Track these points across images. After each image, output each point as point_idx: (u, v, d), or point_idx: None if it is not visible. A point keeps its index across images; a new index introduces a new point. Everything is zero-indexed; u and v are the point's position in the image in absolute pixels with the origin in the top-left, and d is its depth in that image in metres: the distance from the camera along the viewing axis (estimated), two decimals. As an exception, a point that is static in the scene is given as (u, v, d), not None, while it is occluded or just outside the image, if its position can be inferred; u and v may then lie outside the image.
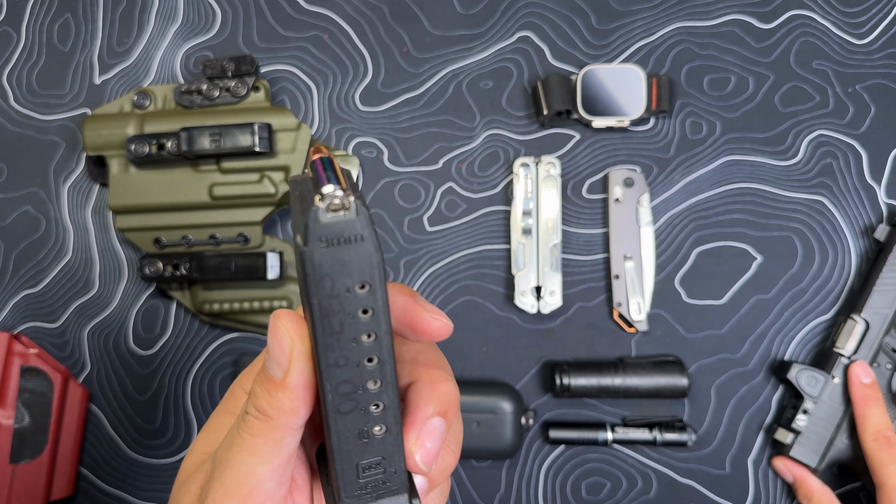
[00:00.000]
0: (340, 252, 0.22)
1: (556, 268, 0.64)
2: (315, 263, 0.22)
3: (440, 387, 0.27)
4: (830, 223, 0.65)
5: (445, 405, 0.27)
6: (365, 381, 0.24)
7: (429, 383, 0.27)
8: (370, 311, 0.23)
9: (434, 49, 0.67)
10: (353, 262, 0.22)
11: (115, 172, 0.62)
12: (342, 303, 0.23)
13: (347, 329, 0.23)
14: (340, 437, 0.25)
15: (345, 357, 0.24)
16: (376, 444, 0.26)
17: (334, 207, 0.21)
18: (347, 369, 0.24)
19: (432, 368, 0.28)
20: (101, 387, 0.65)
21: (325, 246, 0.22)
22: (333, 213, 0.21)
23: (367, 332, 0.24)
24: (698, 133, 0.66)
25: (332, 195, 0.21)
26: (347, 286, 0.22)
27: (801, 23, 0.66)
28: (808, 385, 0.61)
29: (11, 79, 0.68)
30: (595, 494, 0.64)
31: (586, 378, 0.62)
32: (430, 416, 0.27)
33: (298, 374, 0.25)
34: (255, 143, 0.60)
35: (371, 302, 0.23)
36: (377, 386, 0.25)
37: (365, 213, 0.22)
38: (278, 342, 0.25)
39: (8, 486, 0.57)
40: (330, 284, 0.22)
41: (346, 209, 0.21)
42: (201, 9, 0.68)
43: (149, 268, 0.62)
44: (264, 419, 0.25)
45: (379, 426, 0.26)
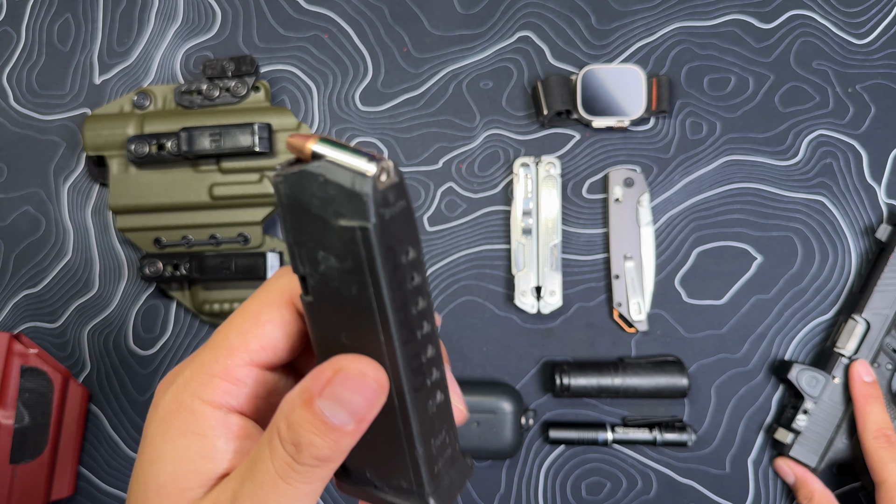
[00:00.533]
0: (394, 222, 0.21)
1: (556, 268, 0.64)
2: (382, 237, 0.21)
3: None
4: (830, 223, 0.65)
5: None
6: (426, 350, 0.23)
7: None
8: (416, 276, 0.22)
9: (434, 49, 0.67)
10: (404, 225, 0.21)
11: (115, 172, 0.62)
12: (403, 272, 0.22)
13: (410, 299, 0.22)
14: (419, 416, 0.24)
15: (411, 330, 0.23)
16: (440, 411, 0.25)
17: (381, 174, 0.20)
18: (414, 343, 0.23)
19: None
20: (102, 387, 0.65)
21: (387, 215, 0.21)
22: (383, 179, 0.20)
23: (418, 298, 0.23)
24: (698, 133, 0.66)
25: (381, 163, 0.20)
26: (402, 257, 0.22)
27: (802, 23, 0.66)
28: (808, 385, 0.61)
29: (11, 79, 0.68)
30: (595, 494, 0.64)
31: (586, 378, 0.62)
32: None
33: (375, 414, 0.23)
34: (255, 143, 0.60)
35: (417, 265, 0.22)
36: (434, 351, 0.24)
37: (400, 173, 0.21)
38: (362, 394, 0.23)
39: (8, 486, 0.57)
40: (393, 256, 0.21)
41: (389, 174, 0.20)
42: (201, 9, 0.68)
43: (149, 268, 0.62)
44: (325, 465, 0.24)
45: (441, 392, 0.24)
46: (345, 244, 0.21)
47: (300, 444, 0.23)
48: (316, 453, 0.23)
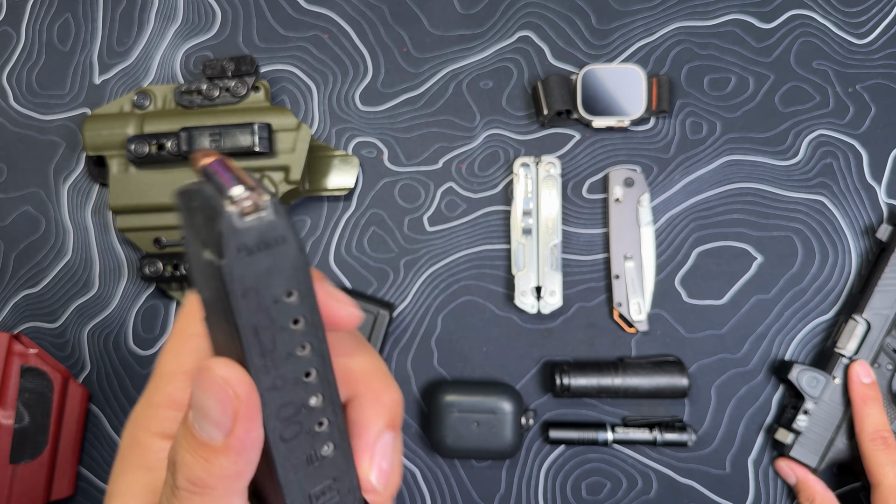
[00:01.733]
0: (262, 259, 0.19)
1: (557, 268, 0.64)
2: (236, 277, 0.19)
3: (384, 397, 0.24)
4: (831, 223, 0.65)
5: (393, 416, 0.24)
6: (307, 399, 0.22)
7: (372, 396, 0.24)
8: (301, 320, 0.21)
9: (434, 49, 0.67)
10: (277, 268, 0.20)
11: (114, 172, 0.62)
12: (271, 316, 0.20)
13: (280, 345, 0.21)
14: (287, 467, 0.22)
15: (282, 377, 0.21)
16: (327, 465, 0.23)
17: (248, 210, 0.19)
18: (286, 390, 0.21)
19: (372, 378, 0.25)
20: (101, 387, 0.65)
21: (246, 255, 0.19)
22: (248, 216, 0.19)
23: (302, 344, 0.21)
24: (698, 133, 0.66)
25: (242, 196, 0.19)
26: (275, 296, 0.20)
27: (802, 23, 0.66)
28: (808, 385, 0.61)
29: (11, 79, 0.68)
30: (595, 494, 0.64)
31: (586, 378, 0.61)
32: (381, 433, 0.24)
33: (245, 433, 0.21)
34: (255, 143, 0.60)
35: (302, 309, 0.20)
36: (319, 401, 0.22)
37: (282, 210, 0.19)
38: (218, 400, 0.20)
39: (8, 486, 0.57)
40: (255, 298, 0.20)
41: (261, 210, 0.19)
42: (201, 8, 0.68)
43: (149, 268, 0.62)
44: (203, 492, 0.21)
45: (327, 444, 0.23)
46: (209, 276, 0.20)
47: (175, 464, 0.21)
48: (188, 474, 0.21)
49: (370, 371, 0.25)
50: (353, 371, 0.24)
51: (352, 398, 0.24)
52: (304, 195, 0.65)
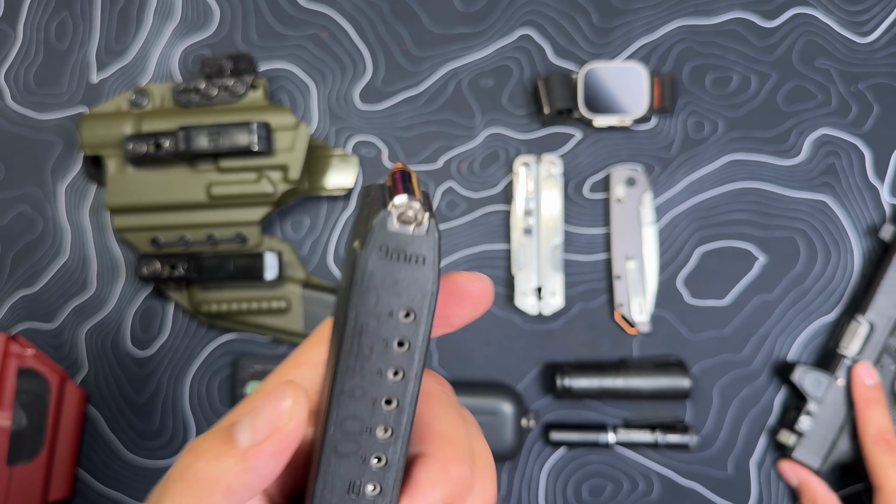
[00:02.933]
0: (397, 268, 0.20)
1: (558, 268, 0.63)
2: (366, 271, 0.20)
3: (453, 470, 0.22)
4: (833, 223, 0.64)
5: (453, 493, 0.22)
6: (376, 425, 0.21)
7: (441, 462, 0.22)
8: (406, 345, 0.21)
9: (434, 47, 0.66)
10: (407, 283, 0.20)
11: (112, 172, 0.62)
12: (380, 325, 0.20)
13: (376, 357, 0.21)
14: (328, 482, 0.22)
15: (362, 389, 0.21)
16: None
17: (406, 219, 0.19)
18: (361, 404, 0.21)
19: (448, 444, 0.23)
20: (99, 388, 0.65)
21: (383, 256, 0.19)
22: (403, 223, 0.19)
23: (396, 369, 0.21)
24: (701, 132, 0.65)
25: (407, 205, 0.19)
26: (392, 308, 0.20)
27: (804, 21, 0.66)
28: (811, 387, 0.60)
29: (8, 77, 0.67)
30: (596, 497, 0.63)
31: (588, 379, 0.61)
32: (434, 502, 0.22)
33: (268, 456, 0.20)
34: (253, 142, 0.59)
35: (412, 334, 0.20)
36: (387, 435, 0.21)
37: (435, 234, 0.20)
38: (272, 407, 0.20)
39: (5, 487, 0.57)
40: (374, 300, 0.20)
41: (417, 223, 0.19)
42: (199, 7, 0.67)
43: (146, 268, 0.61)
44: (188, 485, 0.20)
45: (374, 485, 0.22)
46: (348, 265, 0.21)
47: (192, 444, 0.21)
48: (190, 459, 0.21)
49: (451, 439, 0.23)
50: (433, 430, 0.23)
51: (420, 456, 0.23)
52: (302, 195, 0.65)
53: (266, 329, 0.64)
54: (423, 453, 0.23)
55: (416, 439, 0.23)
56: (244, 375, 0.63)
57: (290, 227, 0.66)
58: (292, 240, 0.66)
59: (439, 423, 0.23)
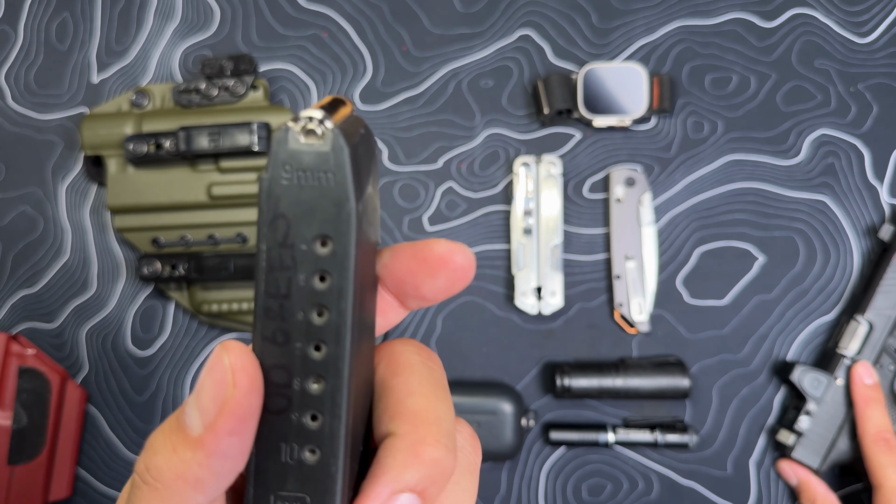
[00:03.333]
0: (305, 190, 0.18)
1: (557, 268, 0.63)
2: (271, 196, 0.18)
3: (424, 451, 0.19)
4: (833, 223, 0.64)
5: (426, 479, 0.19)
6: (305, 376, 0.19)
7: (411, 442, 0.19)
8: (328, 279, 0.18)
9: (434, 48, 0.67)
10: (317, 205, 0.18)
11: (112, 172, 0.62)
12: (295, 258, 0.18)
13: (296, 295, 0.18)
14: (261, 445, 0.19)
15: (284, 332, 0.18)
16: (305, 473, 0.19)
17: (308, 131, 0.17)
18: (286, 351, 0.19)
19: (422, 422, 0.20)
20: (100, 387, 0.65)
21: (288, 178, 0.18)
22: (307, 139, 0.17)
23: (320, 308, 0.18)
24: (700, 132, 0.66)
25: (308, 117, 0.17)
26: (305, 237, 0.18)
27: (804, 21, 0.66)
28: (810, 386, 0.60)
29: (9, 78, 0.67)
30: (596, 496, 0.63)
31: (587, 379, 0.61)
32: (400, 490, 0.19)
33: (226, 434, 0.18)
34: (253, 143, 0.59)
35: (331, 265, 0.18)
36: (319, 388, 0.19)
37: (344, 148, 0.17)
38: (214, 383, 0.18)
39: (6, 487, 0.57)
40: (285, 228, 0.18)
41: (318, 137, 0.17)
42: (200, 7, 0.67)
43: (147, 268, 0.61)
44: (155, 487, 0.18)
45: (311, 450, 0.19)
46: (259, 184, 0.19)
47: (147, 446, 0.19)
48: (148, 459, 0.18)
49: (426, 417, 0.20)
50: (405, 406, 0.20)
51: (389, 435, 0.20)
52: (303, 195, 0.65)
53: None
54: (393, 432, 0.20)
55: (387, 417, 0.20)
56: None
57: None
58: (292, 240, 0.66)
59: (413, 400, 0.20)
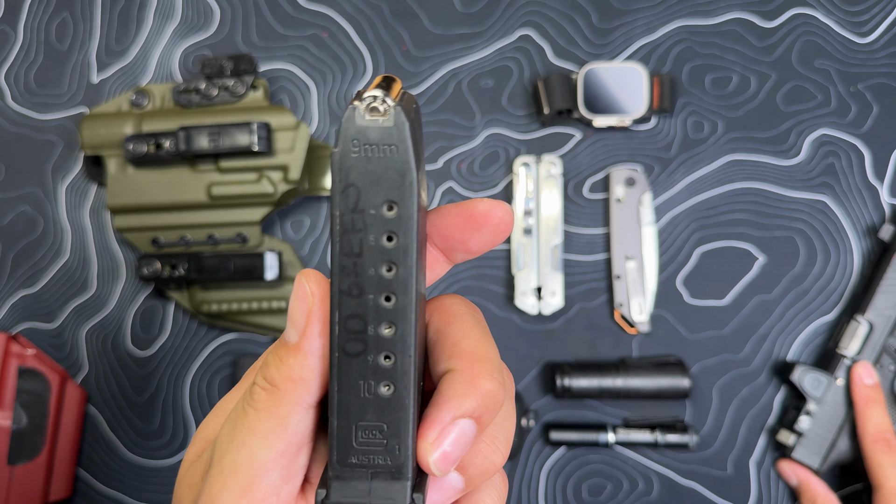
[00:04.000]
0: (372, 162, 0.20)
1: (557, 268, 0.63)
2: (343, 168, 0.20)
3: (481, 384, 0.23)
4: (833, 223, 0.64)
5: (482, 407, 0.22)
6: (378, 323, 0.22)
7: (469, 376, 0.23)
8: (395, 239, 0.21)
9: (434, 48, 0.67)
10: (384, 175, 0.20)
11: (112, 172, 0.62)
12: (365, 221, 0.21)
13: (367, 254, 0.21)
14: (342, 383, 0.22)
15: (359, 286, 0.21)
16: (381, 405, 0.22)
17: (373, 111, 0.20)
18: (361, 302, 0.21)
19: (476, 359, 0.23)
20: (100, 388, 0.65)
21: (357, 151, 0.20)
22: (371, 116, 0.20)
23: (389, 265, 0.21)
24: (700, 132, 0.65)
25: (372, 96, 0.20)
26: (374, 203, 0.20)
27: (804, 21, 0.66)
28: (811, 386, 0.60)
29: (9, 78, 0.67)
30: (596, 496, 0.63)
31: (587, 379, 0.61)
32: (460, 416, 0.22)
33: (315, 337, 0.22)
34: (253, 143, 0.59)
35: (398, 227, 0.21)
36: (391, 331, 0.22)
37: (405, 123, 0.20)
38: (299, 301, 0.22)
39: (6, 487, 0.57)
40: (355, 196, 0.20)
41: (382, 114, 0.20)
42: (199, 7, 0.67)
43: (147, 268, 0.61)
44: (271, 390, 0.23)
45: (386, 385, 0.22)
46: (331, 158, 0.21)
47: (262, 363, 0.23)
48: (265, 371, 0.23)
49: (480, 355, 0.24)
50: (461, 347, 0.24)
51: (449, 371, 0.23)
52: (303, 195, 0.65)
53: (266, 329, 0.64)
54: (452, 368, 0.23)
55: (445, 357, 0.24)
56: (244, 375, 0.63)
57: (291, 227, 0.66)
58: (292, 240, 0.66)
59: (468, 342, 0.24)
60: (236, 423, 0.23)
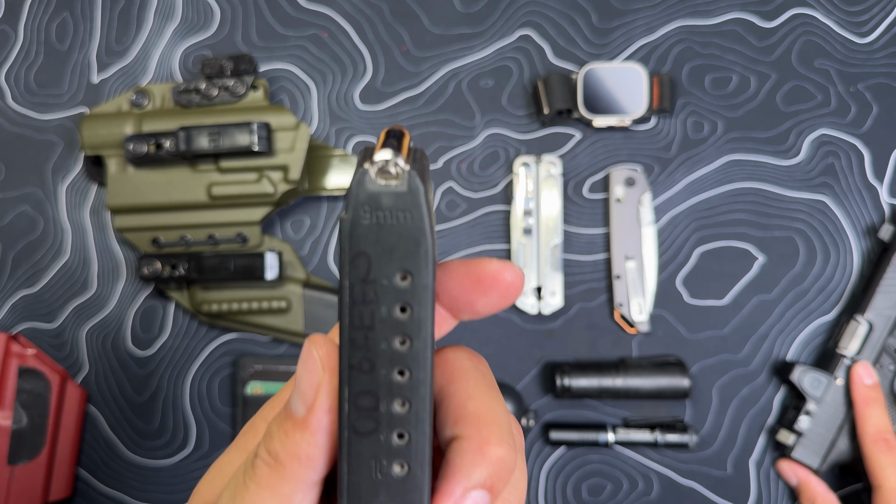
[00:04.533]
0: (384, 230, 0.19)
1: (557, 268, 0.63)
2: (353, 236, 0.19)
3: (490, 451, 0.21)
4: (833, 223, 0.64)
5: (493, 476, 0.21)
6: (391, 400, 0.20)
7: (477, 444, 0.21)
8: (409, 310, 0.20)
9: (434, 47, 0.67)
10: (397, 243, 0.19)
11: (112, 172, 0.62)
12: (377, 292, 0.19)
13: (379, 326, 0.20)
14: (353, 464, 0.21)
15: (370, 361, 0.20)
16: (395, 486, 0.21)
17: (385, 174, 0.18)
18: (372, 377, 0.20)
19: (484, 424, 0.22)
20: (100, 387, 0.65)
21: (368, 218, 0.19)
22: (384, 180, 0.18)
23: (403, 337, 0.20)
24: (700, 132, 0.66)
25: (384, 160, 0.18)
26: (387, 273, 0.19)
27: (803, 21, 0.66)
28: (810, 386, 0.60)
29: (9, 78, 0.67)
30: (596, 496, 0.63)
31: (587, 379, 0.61)
32: (472, 487, 0.21)
33: (323, 412, 0.21)
34: (253, 143, 0.59)
35: (412, 297, 0.19)
36: (404, 409, 0.20)
37: (419, 188, 0.18)
38: (308, 372, 0.21)
39: (6, 487, 0.57)
40: (366, 266, 0.19)
41: (394, 178, 0.18)
42: (200, 7, 0.67)
43: (147, 268, 0.61)
44: (275, 466, 0.21)
45: (400, 464, 0.21)
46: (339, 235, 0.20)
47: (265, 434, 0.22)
48: (268, 444, 0.22)
49: (488, 418, 0.22)
50: (467, 410, 0.22)
51: (456, 438, 0.22)
52: (303, 195, 0.65)
53: (266, 329, 0.64)
54: (459, 435, 0.22)
55: (451, 421, 0.22)
56: (244, 375, 0.63)
57: (291, 227, 0.66)
58: (292, 240, 0.66)
59: (474, 403, 0.22)
60: (236, 497, 0.22)
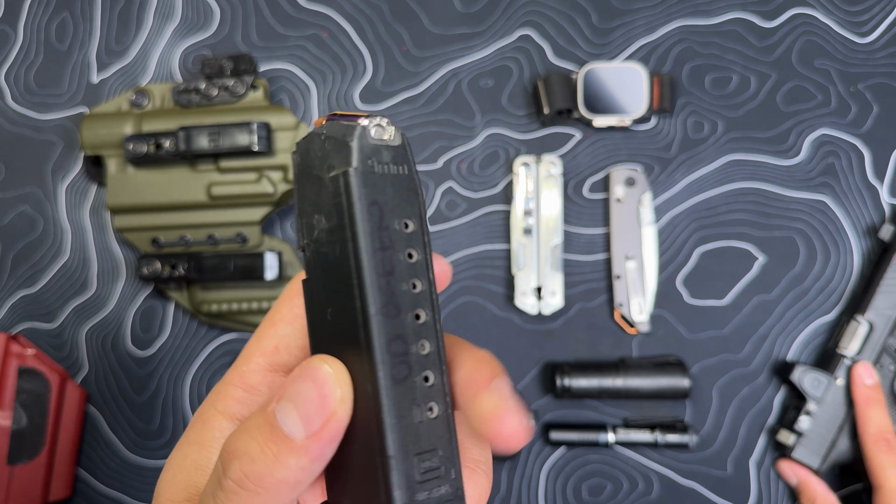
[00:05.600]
0: (387, 179, 0.20)
1: (557, 268, 0.63)
2: (366, 185, 0.19)
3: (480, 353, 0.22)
4: (833, 223, 0.64)
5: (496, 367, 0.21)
6: (417, 341, 0.20)
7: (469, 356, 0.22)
8: (415, 256, 0.20)
9: (434, 47, 0.67)
10: (399, 193, 0.20)
11: (112, 172, 0.62)
12: (392, 238, 0.20)
13: (398, 271, 0.20)
14: (397, 413, 0.20)
15: (395, 305, 0.20)
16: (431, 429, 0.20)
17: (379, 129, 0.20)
18: (399, 322, 0.20)
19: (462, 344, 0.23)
20: (99, 387, 0.65)
21: (372, 167, 0.19)
22: (379, 136, 0.20)
23: (414, 281, 0.20)
24: (700, 132, 0.65)
25: (377, 119, 0.20)
26: (396, 217, 0.20)
27: (804, 21, 0.66)
28: (811, 386, 0.60)
29: (9, 78, 0.67)
30: (596, 496, 0.63)
31: (587, 379, 0.61)
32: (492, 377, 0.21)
33: (330, 443, 0.19)
34: (253, 143, 0.59)
35: (416, 243, 0.20)
36: (427, 350, 0.20)
37: (408, 144, 0.20)
38: (319, 394, 0.19)
39: (6, 487, 0.57)
40: (379, 214, 0.20)
41: (390, 134, 0.20)
42: (199, 7, 0.67)
43: (147, 268, 0.61)
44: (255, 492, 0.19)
45: (431, 406, 0.20)
46: (332, 198, 0.20)
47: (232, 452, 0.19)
48: (247, 467, 0.19)
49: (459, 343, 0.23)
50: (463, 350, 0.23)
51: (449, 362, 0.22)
52: (303, 195, 0.65)
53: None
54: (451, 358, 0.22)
55: None
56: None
57: (291, 227, 0.66)
58: (292, 240, 0.66)
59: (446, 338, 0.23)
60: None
